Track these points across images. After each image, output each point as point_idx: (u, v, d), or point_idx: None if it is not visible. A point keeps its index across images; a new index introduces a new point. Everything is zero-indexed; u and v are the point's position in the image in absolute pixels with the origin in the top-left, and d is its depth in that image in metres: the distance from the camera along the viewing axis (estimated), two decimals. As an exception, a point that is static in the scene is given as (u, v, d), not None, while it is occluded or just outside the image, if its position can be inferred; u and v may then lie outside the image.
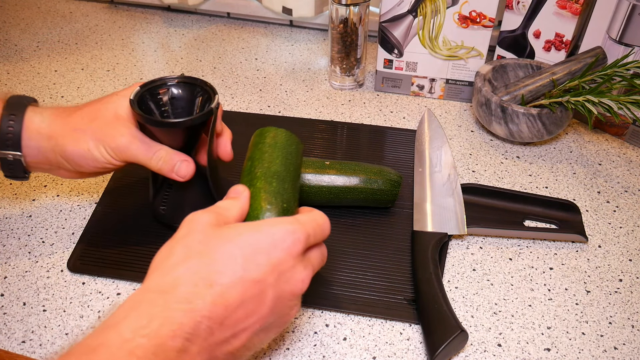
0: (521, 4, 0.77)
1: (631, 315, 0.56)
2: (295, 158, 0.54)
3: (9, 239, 0.63)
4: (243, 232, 0.42)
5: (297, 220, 0.43)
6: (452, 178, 0.67)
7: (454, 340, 0.50)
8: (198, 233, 0.41)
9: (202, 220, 0.42)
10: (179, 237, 0.42)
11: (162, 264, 0.41)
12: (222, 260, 0.40)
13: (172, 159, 0.56)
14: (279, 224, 0.42)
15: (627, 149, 0.77)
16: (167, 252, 0.41)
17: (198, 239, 0.41)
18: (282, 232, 0.42)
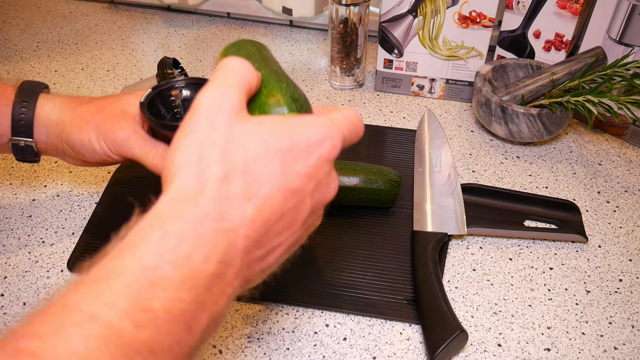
0: (521, 4, 0.77)
1: (631, 315, 0.56)
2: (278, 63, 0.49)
3: (9, 239, 0.63)
4: (278, 133, 0.35)
5: (332, 121, 0.38)
6: (452, 178, 0.67)
7: (454, 340, 0.50)
8: (224, 126, 0.35)
9: (225, 106, 0.36)
10: (200, 129, 0.35)
11: (186, 166, 0.34)
12: (258, 168, 0.34)
13: None
14: (314, 126, 0.37)
15: (627, 149, 0.77)
16: (190, 151, 0.34)
17: (225, 135, 0.34)
18: (319, 136, 0.36)
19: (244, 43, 0.48)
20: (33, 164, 0.71)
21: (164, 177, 0.35)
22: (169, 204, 0.32)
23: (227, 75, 0.37)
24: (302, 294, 0.57)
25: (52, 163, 0.73)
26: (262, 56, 0.46)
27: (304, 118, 0.38)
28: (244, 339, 0.54)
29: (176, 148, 0.35)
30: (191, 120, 0.35)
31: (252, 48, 0.47)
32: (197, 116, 0.35)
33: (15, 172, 0.71)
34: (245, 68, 0.38)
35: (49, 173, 0.71)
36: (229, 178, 0.33)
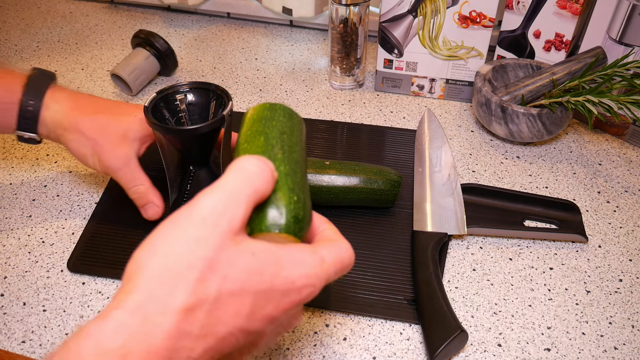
0: (521, 4, 0.77)
1: (631, 315, 0.56)
2: (305, 148, 0.48)
3: (9, 239, 0.63)
4: (263, 271, 0.34)
5: (322, 265, 0.37)
6: (452, 178, 0.67)
7: (453, 340, 0.50)
8: (212, 249, 0.32)
9: (224, 225, 0.33)
10: (187, 239, 0.33)
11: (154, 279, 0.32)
12: (227, 305, 0.32)
13: (146, 197, 0.61)
14: (302, 266, 0.35)
15: (627, 149, 0.77)
16: (166, 262, 0.32)
17: (210, 260, 0.32)
18: (302, 282, 0.35)
19: (281, 112, 0.46)
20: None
21: (128, 268, 0.33)
22: (120, 327, 0.30)
23: (240, 183, 0.35)
24: (302, 294, 0.57)
25: (52, 163, 0.73)
26: (290, 141, 0.44)
27: (295, 254, 0.36)
28: (244, 339, 0.54)
29: (153, 246, 0.33)
30: (182, 222, 0.33)
31: (286, 123, 0.45)
32: (191, 221, 0.33)
33: (15, 172, 0.71)
34: (262, 177, 0.36)
35: (49, 173, 0.71)
36: (193, 311, 0.31)
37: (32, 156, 0.74)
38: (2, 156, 0.74)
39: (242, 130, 0.45)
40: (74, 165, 0.73)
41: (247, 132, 0.45)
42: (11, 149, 0.75)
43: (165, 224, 0.34)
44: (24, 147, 0.75)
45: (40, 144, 0.75)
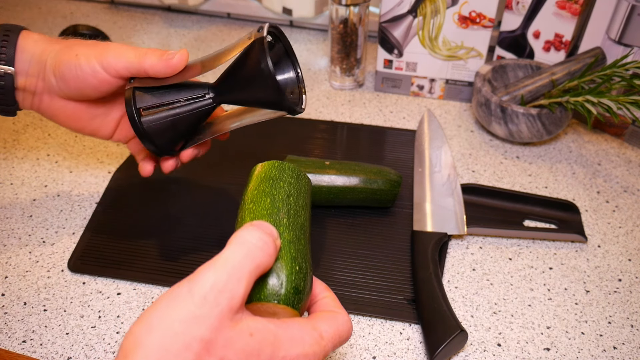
0: (521, 5, 0.77)
1: (630, 315, 0.56)
2: (309, 211, 0.48)
3: (9, 239, 0.63)
4: (260, 352, 0.34)
5: (320, 342, 0.37)
6: (452, 178, 0.67)
7: (453, 340, 0.50)
8: (210, 329, 0.32)
9: (224, 305, 0.33)
10: (184, 316, 0.32)
11: (150, 356, 0.31)
12: None
13: (164, 51, 0.52)
14: (300, 345, 0.36)
15: (627, 149, 0.77)
16: (163, 340, 0.32)
17: (207, 340, 0.32)
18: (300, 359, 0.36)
19: (289, 173, 0.47)
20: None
21: (125, 343, 0.32)
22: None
23: (242, 259, 0.34)
24: (302, 293, 0.57)
25: (52, 163, 0.73)
26: (297, 204, 0.44)
27: (293, 332, 0.36)
28: (244, 339, 0.54)
29: (151, 321, 0.32)
30: (182, 299, 0.32)
31: (293, 185, 0.46)
32: (190, 298, 0.32)
33: (16, 172, 0.71)
34: (265, 251, 0.36)
35: (49, 173, 0.72)
36: None
37: (32, 156, 0.74)
38: (3, 156, 0.74)
39: (249, 188, 0.46)
40: (74, 165, 0.73)
41: (253, 191, 0.45)
42: (12, 149, 0.75)
43: (164, 298, 0.33)
44: (25, 147, 0.75)
45: (40, 144, 0.75)
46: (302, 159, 0.64)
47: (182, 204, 0.67)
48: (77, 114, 0.56)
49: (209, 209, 0.66)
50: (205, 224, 0.64)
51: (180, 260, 0.60)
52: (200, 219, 0.65)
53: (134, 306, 0.56)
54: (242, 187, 0.69)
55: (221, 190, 0.68)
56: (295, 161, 0.64)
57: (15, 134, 0.77)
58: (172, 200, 0.67)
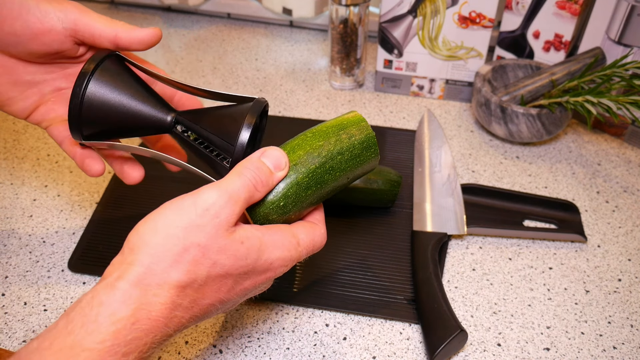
0: (520, 5, 0.77)
1: (630, 315, 0.56)
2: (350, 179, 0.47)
3: (10, 239, 0.63)
4: (247, 256, 0.39)
5: (297, 247, 0.42)
6: (452, 178, 0.67)
7: (453, 340, 0.50)
8: (208, 237, 0.37)
9: (222, 217, 0.38)
10: (188, 224, 0.37)
11: (157, 255, 0.36)
12: (213, 284, 0.38)
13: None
14: (280, 249, 0.41)
15: (626, 149, 0.77)
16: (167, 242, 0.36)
17: (204, 246, 0.37)
18: (279, 263, 0.41)
19: (365, 139, 0.45)
20: None
21: (131, 239, 0.37)
22: (127, 297, 0.35)
23: (240, 187, 0.39)
24: (302, 293, 0.57)
25: (52, 163, 0.73)
26: (339, 165, 0.45)
27: (275, 237, 0.41)
28: (244, 339, 0.54)
29: (156, 223, 0.37)
30: (185, 208, 0.37)
31: (354, 151, 0.45)
32: (194, 209, 0.37)
33: (16, 172, 0.72)
34: (256, 187, 0.40)
35: (49, 173, 0.72)
36: (185, 289, 0.37)
37: (33, 156, 0.74)
38: (3, 156, 0.74)
39: (327, 123, 0.46)
40: (74, 165, 0.73)
41: (323, 127, 0.46)
42: (12, 149, 0.75)
43: (169, 205, 0.38)
44: (25, 147, 0.75)
45: (40, 144, 0.75)
46: None
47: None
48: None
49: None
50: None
51: (181, 260, 0.60)
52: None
53: None
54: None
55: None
56: None
57: (15, 134, 0.77)
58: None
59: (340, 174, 0.45)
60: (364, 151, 0.45)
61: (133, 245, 0.37)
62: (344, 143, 0.45)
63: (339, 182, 0.45)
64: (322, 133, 0.45)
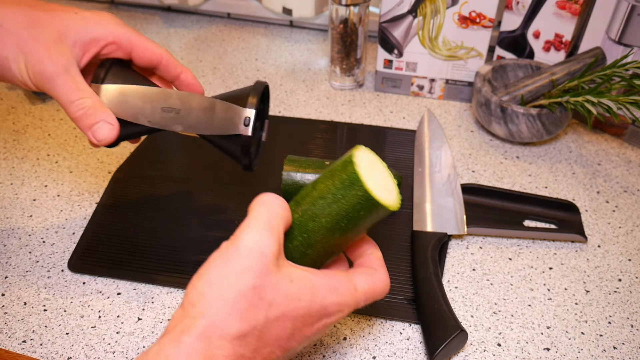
0: (521, 5, 0.77)
1: (630, 315, 0.56)
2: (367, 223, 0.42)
3: (9, 239, 0.63)
4: (301, 297, 0.38)
5: (355, 294, 0.41)
6: (452, 178, 0.67)
7: (453, 340, 0.50)
8: (258, 277, 0.36)
9: (267, 252, 0.37)
10: (236, 271, 0.36)
11: (211, 309, 0.36)
12: (273, 329, 0.37)
13: (95, 114, 0.47)
14: (335, 294, 0.39)
15: (627, 149, 0.77)
16: (221, 291, 0.36)
17: (257, 286, 0.36)
18: (335, 308, 0.40)
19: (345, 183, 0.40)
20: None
21: (190, 295, 0.37)
22: (192, 351, 0.35)
23: (269, 215, 0.39)
24: (302, 293, 0.57)
25: (52, 163, 0.73)
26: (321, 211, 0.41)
27: (330, 281, 0.40)
28: (244, 339, 0.54)
29: (207, 278, 0.37)
30: (231, 255, 0.37)
31: (336, 193, 0.41)
32: (238, 254, 0.37)
33: (16, 172, 0.72)
34: (283, 206, 0.40)
35: (49, 173, 0.72)
36: (246, 337, 0.36)
37: (32, 156, 0.74)
38: (3, 156, 0.74)
39: (334, 165, 0.42)
40: (74, 165, 0.73)
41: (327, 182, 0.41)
42: (12, 149, 0.75)
43: (215, 257, 0.38)
44: (25, 147, 0.75)
45: (40, 144, 0.75)
46: (302, 159, 0.64)
47: (182, 203, 0.67)
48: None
49: (208, 209, 0.66)
50: (205, 223, 0.64)
51: (181, 260, 0.60)
52: (200, 219, 0.65)
53: (134, 306, 0.56)
54: (242, 187, 0.69)
55: (221, 190, 0.68)
56: (295, 161, 0.64)
57: (15, 134, 0.77)
58: (172, 200, 0.67)
59: (326, 218, 0.41)
60: (347, 190, 0.40)
61: (193, 299, 0.37)
62: (328, 186, 0.41)
63: (330, 226, 0.41)
64: (317, 182, 0.42)
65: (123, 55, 0.51)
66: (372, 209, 0.40)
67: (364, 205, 0.40)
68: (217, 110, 0.50)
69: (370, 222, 0.41)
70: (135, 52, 0.51)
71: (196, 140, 0.70)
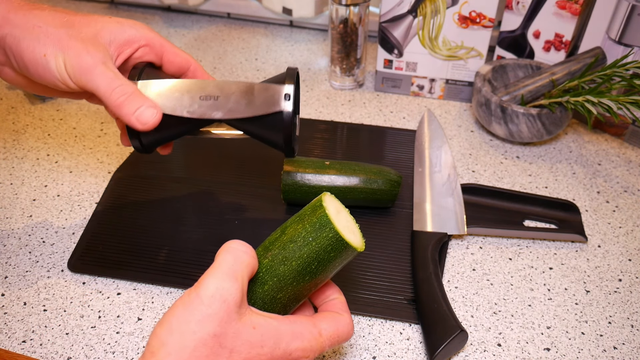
0: (521, 4, 0.77)
1: (630, 315, 0.56)
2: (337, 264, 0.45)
3: (9, 239, 0.63)
4: (264, 344, 0.39)
5: (319, 339, 0.41)
6: (452, 178, 0.67)
7: (453, 340, 0.50)
8: (220, 324, 0.37)
9: (230, 300, 0.38)
10: (198, 317, 0.37)
11: (171, 354, 0.36)
12: None
13: (138, 99, 0.47)
14: (299, 339, 0.40)
15: (627, 149, 0.77)
16: (181, 339, 0.37)
17: (219, 334, 0.37)
18: (298, 353, 0.40)
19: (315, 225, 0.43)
20: None
21: (151, 343, 0.37)
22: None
23: (234, 262, 0.39)
24: (302, 293, 0.57)
25: (52, 163, 0.73)
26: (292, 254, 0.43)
27: (294, 327, 0.40)
28: (244, 339, 0.54)
29: (170, 324, 0.37)
30: (192, 302, 0.37)
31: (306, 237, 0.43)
32: (200, 301, 0.37)
33: (16, 172, 0.71)
34: (249, 254, 0.41)
35: (49, 173, 0.72)
36: None
37: (32, 156, 0.74)
38: (3, 156, 0.74)
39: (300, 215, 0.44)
40: (74, 165, 0.73)
41: (292, 217, 0.44)
42: (12, 149, 0.75)
43: (179, 303, 0.38)
44: (25, 147, 0.75)
45: (40, 144, 0.75)
46: (302, 159, 0.64)
47: (182, 203, 0.67)
48: (28, 84, 0.51)
49: (208, 209, 0.66)
50: (205, 223, 0.64)
51: (180, 260, 0.60)
52: (200, 219, 0.65)
53: (134, 306, 0.56)
54: (242, 187, 0.69)
55: (221, 190, 0.68)
56: (295, 161, 0.64)
57: (15, 134, 0.77)
58: (172, 200, 0.67)
59: (297, 261, 0.42)
60: (317, 232, 0.42)
61: (153, 347, 0.37)
62: (298, 230, 0.43)
63: (301, 269, 0.43)
64: (284, 227, 0.45)
65: (155, 59, 0.53)
66: (341, 250, 0.43)
67: (334, 247, 0.42)
68: (256, 91, 0.51)
69: (339, 264, 0.44)
70: (167, 57, 0.53)
71: (196, 140, 0.70)
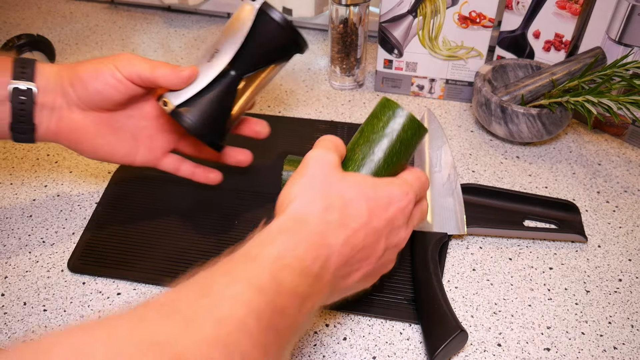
0: (521, 4, 0.77)
1: (631, 315, 0.56)
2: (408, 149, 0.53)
3: (9, 239, 0.63)
4: (365, 186, 0.45)
5: (406, 181, 0.48)
6: (452, 178, 0.67)
7: (453, 340, 0.50)
8: (325, 175, 0.45)
9: (327, 160, 0.46)
10: (309, 174, 0.45)
11: (299, 197, 0.44)
12: (352, 207, 0.44)
13: (176, 65, 0.57)
14: (392, 185, 0.47)
15: (627, 149, 0.77)
16: (302, 188, 0.45)
17: (326, 181, 0.45)
18: (398, 193, 0.46)
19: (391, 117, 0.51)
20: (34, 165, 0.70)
21: (279, 203, 0.45)
22: (288, 220, 0.43)
23: (327, 143, 0.49)
24: (302, 293, 0.57)
25: (52, 163, 0.73)
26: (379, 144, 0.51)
27: (383, 181, 0.47)
28: (244, 339, 0.54)
29: (291, 185, 0.45)
30: (302, 169, 0.47)
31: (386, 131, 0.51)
32: (306, 166, 0.46)
33: (15, 172, 0.71)
34: (338, 141, 0.50)
35: (49, 173, 0.72)
36: (329, 209, 0.43)
37: (32, 156, 0.74)
38: (3, 156, 0.74)
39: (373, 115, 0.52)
40: (74, 165, 0.73)
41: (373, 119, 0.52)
42: (12, 149, 0.75)
43: (295, 173, 0.47)
44: (25, 147, 0.75)
45: (40, 144, 0.75)
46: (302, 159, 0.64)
47: (183, 203, 0.67)
48: (96, 127, 0.58)
49: (209, 209, 0.66)
50: (206, 223, 0.64)
51: (181, 260, 0.60)
52: (201, 219, 0.65)
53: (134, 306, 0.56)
54: (242, 187, 0.69)
55: (221, 190, 0.68)
56: (296, 161, 0.64)
57: (15, 134, 0.77)
58: (172, 200, 0.67)
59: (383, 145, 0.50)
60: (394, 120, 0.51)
61: (279, 207, 0.45)
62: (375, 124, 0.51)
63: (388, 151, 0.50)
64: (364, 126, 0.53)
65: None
66: (415, 128, 0.51)
67: (410, 126, 0.50)
68: (232, 19, 0.59)
69: (415, 143, 0.51)
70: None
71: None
